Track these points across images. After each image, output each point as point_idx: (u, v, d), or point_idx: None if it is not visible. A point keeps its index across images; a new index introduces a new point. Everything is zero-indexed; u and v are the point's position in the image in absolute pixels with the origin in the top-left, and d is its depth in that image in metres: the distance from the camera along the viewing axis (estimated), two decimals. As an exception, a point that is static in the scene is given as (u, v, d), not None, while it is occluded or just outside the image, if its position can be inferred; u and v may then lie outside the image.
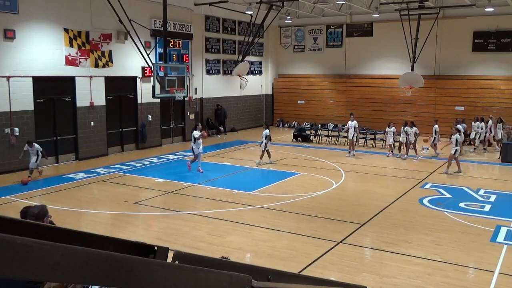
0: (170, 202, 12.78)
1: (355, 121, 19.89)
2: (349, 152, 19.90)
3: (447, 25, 25.23)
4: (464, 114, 24.75)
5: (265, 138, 17.45)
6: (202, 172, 16.01)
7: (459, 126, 18.86)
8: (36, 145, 14.95)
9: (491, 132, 21.37)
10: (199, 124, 17.60)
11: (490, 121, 21.40)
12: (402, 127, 19.25)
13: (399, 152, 19.61)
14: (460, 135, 17.12)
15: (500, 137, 20.77)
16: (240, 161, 18.41)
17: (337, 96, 28.84)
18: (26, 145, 14.90)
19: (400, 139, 19.36)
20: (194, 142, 16.17)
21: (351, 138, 19.89)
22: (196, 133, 16.21)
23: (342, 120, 27.49)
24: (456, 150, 16.26)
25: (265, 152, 17.65)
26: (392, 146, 19.79)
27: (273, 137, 21.12)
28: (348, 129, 20.07)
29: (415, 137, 19.06)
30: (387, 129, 19.97)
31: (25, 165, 16.22)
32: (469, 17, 24.65)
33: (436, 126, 19.96)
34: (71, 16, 17.56)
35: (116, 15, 16.37)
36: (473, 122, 21.43)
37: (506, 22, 23.78)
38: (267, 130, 17.68)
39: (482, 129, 21.04)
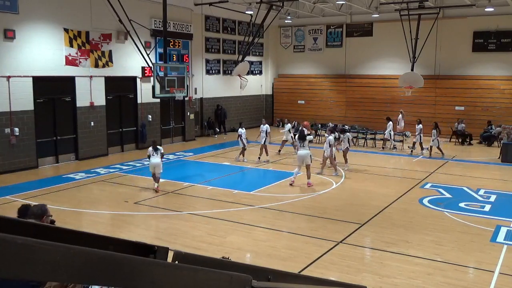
0: (170, 202, 12.78)
1: (266, 125, 18.69)
2: (259, 158, 18.20)
3: (447, 25, 25.23)
4: (464, 114, 24.76)
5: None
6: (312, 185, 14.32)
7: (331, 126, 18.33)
8: (160, 148, 13.89)
9: (398, 124, 22.45)
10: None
11: (400, 115, 22.50)
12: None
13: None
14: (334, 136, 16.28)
15: (437, 144, 19.45)
16: (241, 161, 18.38)
17: (337, 96, 28.84)
18: (151, 148, 13.65)
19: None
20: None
21: (262, 143, 18.19)
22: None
23: (342, 120, 27.49)
24: (330, 151, 15.73)
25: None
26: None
27: (273, 136, 21.15)
28: (260, 133, 18.61)
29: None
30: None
31: (24, 165, 16.27)
32: (469, 17, 24.65)
33: (420, 125, 20.09)
34: (71, 16, 17.56)
35: (116, 15, 16.37)
36: (387, 123, 21.55)
37: (506, 22, 23.77)
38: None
39: (391, 128, 21.26)
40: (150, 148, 13.68)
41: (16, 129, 15.95)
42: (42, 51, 16.73)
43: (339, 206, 12.38)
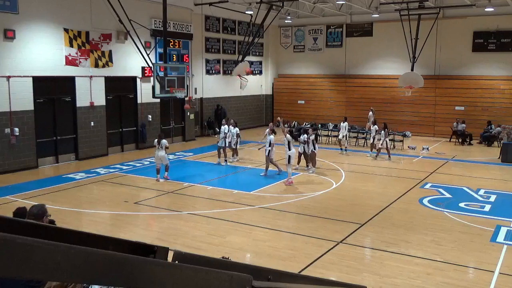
0: (170, 202, 12.78)
1: (226, 126, 17.80)
2: (226, 160, 17.66)
3: (447, 25, 25.22)
4: (464, 114, 24.76)
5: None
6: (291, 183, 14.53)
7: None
8: (165, 142, 14.80)
9: (369, 121, 22.19)
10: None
11: (371, 113, 22.82)
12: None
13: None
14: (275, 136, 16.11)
15: (385, 146, 18.76)
16: (240, 161, 18.39)
17: (337, 96, 28.84)
18: (156, 141, 14.81)
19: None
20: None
21: (226, 144, 17.58)
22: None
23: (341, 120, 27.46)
24: (269, 151, 15.55)
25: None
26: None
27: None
28: (225, 134, 17.88)
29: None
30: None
31: (24, 165, 16.27)
32: (469, 17, 24.65)
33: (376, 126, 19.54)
34: (71, 16, 17.56)
35: (116, 15, 16.36)
36: (341, 123, 21.07)
37: (506, 22, 23.77)
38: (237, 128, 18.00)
39: (345, 129, 20.79)
40: (155, 141, 14.89)
41: (16, 129, 15.94)
42: (42, 51, 16.73)
43: (339, 206, 12.38)
